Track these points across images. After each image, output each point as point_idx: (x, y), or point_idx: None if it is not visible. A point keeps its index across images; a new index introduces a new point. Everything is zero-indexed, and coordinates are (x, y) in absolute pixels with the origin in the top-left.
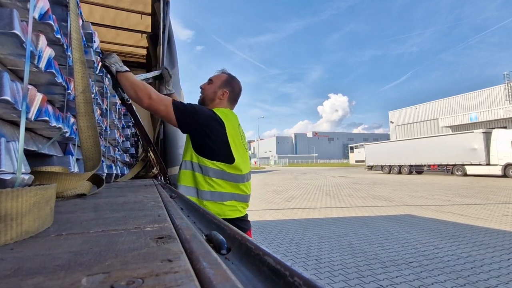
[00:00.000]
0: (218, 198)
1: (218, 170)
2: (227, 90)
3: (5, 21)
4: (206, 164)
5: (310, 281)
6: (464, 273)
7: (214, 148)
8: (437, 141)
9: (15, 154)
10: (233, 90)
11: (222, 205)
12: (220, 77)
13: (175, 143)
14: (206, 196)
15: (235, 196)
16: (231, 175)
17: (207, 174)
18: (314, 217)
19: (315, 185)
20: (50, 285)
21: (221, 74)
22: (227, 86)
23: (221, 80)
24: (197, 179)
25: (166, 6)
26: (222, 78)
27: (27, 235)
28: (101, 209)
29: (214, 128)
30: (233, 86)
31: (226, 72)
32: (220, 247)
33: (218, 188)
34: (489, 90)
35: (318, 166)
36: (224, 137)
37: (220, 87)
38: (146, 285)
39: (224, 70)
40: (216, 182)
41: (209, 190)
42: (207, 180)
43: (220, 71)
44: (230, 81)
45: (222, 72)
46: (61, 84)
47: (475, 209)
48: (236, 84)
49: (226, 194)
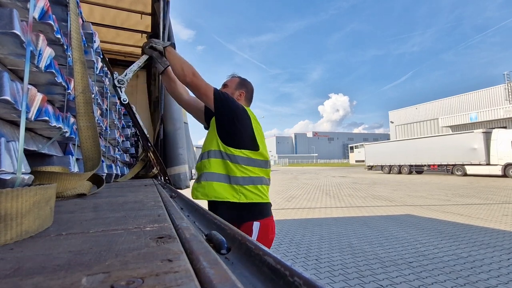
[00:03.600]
0: (250, 182)
1: (245, 157)
2: (243, 91)
3: (5, 21)
4: (233, 153)
5: (310, 281)
6: (464, 273)
7: (241, 136)
8: (437, 141)
9: (15, 154)
10: (247, 90)
11: (255, 189)
12: (233, 80)
13: (175, 143)
14: (239, 181)
15: (263, 179)
16: (257, 161)
17: (236, 162)
18: (314, 217)
19: (315, 185)
20: (50, 285)
21: (233, 78)
22: (242, 88)
23: (235, 83)
24: (228, 166)
25: (166, 6)
26: (235, 81)
27: (27, 235)
28: (101, 209)
29: (244, 119)
30: (247, 86)
31: (237, 75)
32: (220, 246)
33: (249, 173)
34: (489, 90)
35: (318, 166)
36: (250, 128)
37: (236, 89)
38: (146, 285)
39: (234, 74)
40: (246, 168)
41: (241, 175)
42: (238, 166)
43: (230, 75)
44: (243, 82)
45: (233, 76)
46: (61, 84)
47: (475, 209)
48: (249, 84)
49: (257, 179)
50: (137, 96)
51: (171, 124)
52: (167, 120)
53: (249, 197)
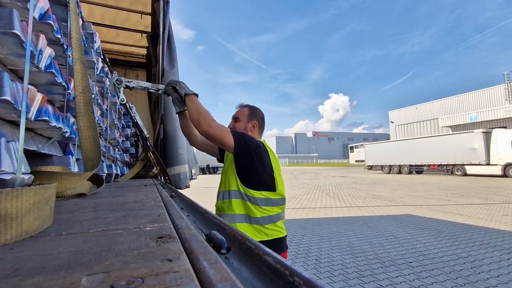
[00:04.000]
0: (269, 221)
1: (265, 199)
2: (255, 121)
3: (5, 21)
4: (253, 195)
5: (310, 280)
6: (464, 273)
7: (260, 177)
8: (437, 141)
9: (15, 154)
10: (259, 119)
11: (274, 226)
12: (243, 112)
13: (175, 143)
14: (259, 221)
15: (280, 215)
16: (275, 201)
17: (256, 203)
18: (314, 217)
19: (315, 185)
20: (50, 285)
21: (243, 109)
22: (253, 118)
23: (246, 115)
24: (248, 207)
25: (166, 5)
26: (246, 112)
27: (27, 234)
28: (101, 208)
29: (263, 158)
30: (258, 115)
31: (245, 104)
32: (220, 246)
33: (268, 213)
34: (489, 90)
35: (318, 166)
36: (270, 167)
37: (249, 121)
38: (146, 285)
39: (242, 104)
40: (265, 208)
41: (261, 216)
42: (257, 207)
43: (239, 106)
44: (254, 112)
45: (242, 106)
46: (61, 84)
47: (475, 209)
48: (260, 113)
49: (275, 216)
50: (137, 96)
51: (171, 124)
52: (167, 120)
53: (269, 234)
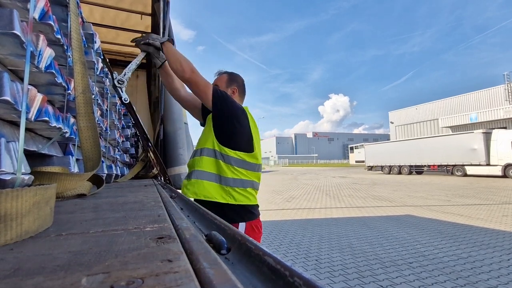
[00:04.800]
0: (240, 185)
1: (239, 159)
2: (235, 87)
3: (5, 21)
4: (227, 153)
5: (310, 281)
6: (464, 274)
7: (238, 137)
8: (437, 142)
9: (15, 154)
10: (239, 85)
11: (245, 191)
12: (222, 78)
13: (175, 143)
14: (229, 182)
15: (254, 183)
16: (250, 164)
17: (229, 163)
18: (314, 218)
19: (315, 185)
20: (50, 285)
21: (222, 76)
22: (233, 83)
23: (225, 80)
24: (220, 166)
25: (166, 6)
26: (224, 78)
27: (27, 235)
28: (101, 209)
29: (242, 120)
30: (237, 80)
31: (224, 71)
32: (220, 247)
33: (240, 176)
34: (489, 90)
35: (318, 166)
36: (248, 129)
37: (228, 86)
38: (146, 285)
39: (220, 70)
40: (238, 170)
41: (232, 177)
42: (230, 168)
43: (217, 73)
44: (233, 77)
45: (220, 73)
46: (61, 84)
47: (475, 209)
48: (239, 78)
49: (247, 181)
50: (137, 96)
51: (171, 124)
52: (167, 121)
53: (238, 199)
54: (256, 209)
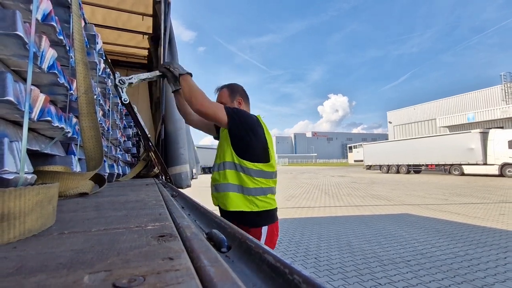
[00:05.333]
0: (261, 193)
1: (258, 170)
2: (238, 98)
3: (8, 22)
4: (247, 166)
5: (309, 279)
6: (462, 271)
7: (255, 149)
8: (435, 141)
9: (18, 154)
10: (241, 94)
11: (266, 198)
12: (223, 94)
13: (176, 143)
14: (251, 192)
15: (272, 189)
16: (267, 173)
17: (249, 174)
18: (313, 216)
19: (314, 184)
20: (53, 283)
21: (222, 91)
22: (235, 95)
23: (228, 95)
24: (241, 178)
25: (167, 7)
26: (225, 93)
27: (30, 233)
28: (103, 208)
29: (258, 131)
30: (239, 90)
31: (221, 86)
32: (221, 245)
33: (260, 185)
34: (486, 90)
35: (317, 165)
36: (264, 140)
37: (232, 100)
38: (148, 283)
39: (218, 87)
40: (257, 179)
41: (253, 187)
42: (251, 178)
43: (217, 90)
44: (233, 89)
45: (219, 89)
46: (63, 84)
47: (472, 208)
48: (239, 87)
49: (266, 189)
50: (139, 96)
51: (172, 124)
52: (168, 120)
53: (260, 206)
54: (275, 212)
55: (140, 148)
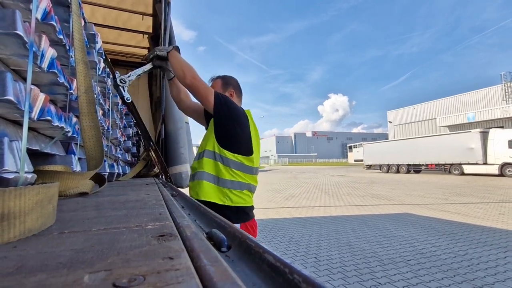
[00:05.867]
0: (238, 187)
1: (238, 162)
2: (231, 90)
3: (8, 22)
4: (227, 156)
5: (309, 278)
6: (461, 271)
7: (237, 140)
8: (435, 141)
9: (18, 153)
10: (234, 86)
11: (241, 193)
12: (217, 84)
13: (176, 142)
14: (227, 184)
15: (250, 186)
16: (247, 167)
17: (228, 165)
18: (313, 216)
19: (314, 184)
20: (53, 282)
21: (216, 81)
22: (228, 86)
23: (220, 85)
24: (218, 168)
25: (167, 7)
26: (219, 83)
27: (30, 233)
28: (103, 207)
29: (243, 123)
30: (232, 82)
31: (216, 76)
32: (221, 244)
33: (238, 178)
34: (486, 90)
35: (317, 165)
36: (248, 133)
37: (224, 91)
38: (148, 283)
39: (213, 77)
40: (236, 172)
41: (230, 179)
42: (228, 170)
43: (211, 80)
44: (227, 80)
45: (214, 79)
46: (63, 84)
47: (472, 207)
48: (233, 80)
49: (244, 184)
50: (139, 96)
51: (172, 123)
52: (168, 120)
53: (234, 201)
54: (251, 211)
55: (140, 148)
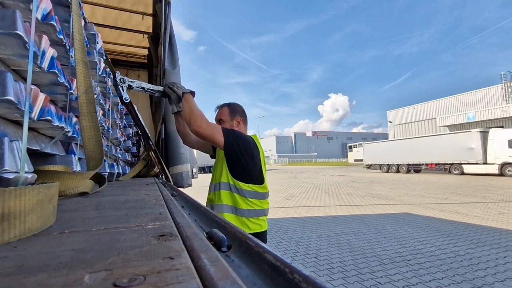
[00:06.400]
0: (254, 215)
1: (252, 191)
2: (238, 117)
3: (8, 22)
4: (242, 187)
5: (309, 278)
6: (461, 271)
7: (250, 171)
8: (435, 141)
9: (18, 153)
10: (241, 114)
11: (258, 220)
12: (224, 111)
13: (177, 142)
14: (244, 213)
15: (265, 211)
16: (261, 194)
17: (244, 195)
18: (313, 215)
19: (314, 183)
20: (53, 282)
21: (223, 109)
22: (236, 114)
23: (227, 114)
24: (235, 199)
25: (167, 7)
26: (226, 111)
27: (30, 233)
28: (103, 207)
29: (254, 156)
30: (239, 110)
31: (222, 104)
32: (221, 244)
33: (254, 206)
34: (486, 90)
35: (317, 165)
36: (259, 162)
37: (232, 119)
38: (148, 282)
39: (219, 105)
40: (251, 201)
41: (247, 208)
42: (245, 200)
43: (217, 108)
44: (234, 109)
45: (220, 107)
46: (63, 84)
47: (472, 207)
48: (239, 107)
49: (260, 211)
50: (139, 96)
51: (172, 123)
52: (168, 120)
53: (252, 228)
54: (265, 236)
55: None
